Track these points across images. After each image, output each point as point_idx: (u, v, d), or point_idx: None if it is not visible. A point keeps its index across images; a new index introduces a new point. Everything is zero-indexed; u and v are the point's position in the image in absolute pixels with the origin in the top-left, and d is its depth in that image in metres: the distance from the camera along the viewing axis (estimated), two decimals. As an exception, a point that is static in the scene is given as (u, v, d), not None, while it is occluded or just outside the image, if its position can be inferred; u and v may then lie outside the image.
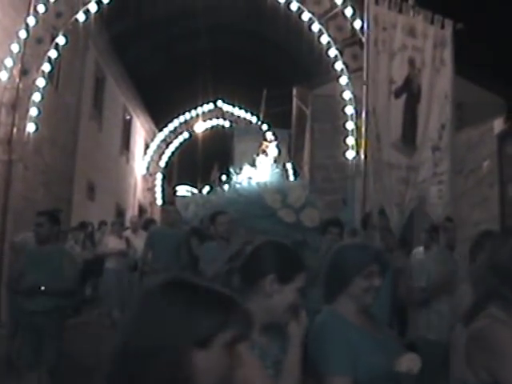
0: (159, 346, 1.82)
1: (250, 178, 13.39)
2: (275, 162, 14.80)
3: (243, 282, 3.35)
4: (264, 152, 14.36)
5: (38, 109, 15.14)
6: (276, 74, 29.94)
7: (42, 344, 7.54)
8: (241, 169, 14.12)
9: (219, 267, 7.86)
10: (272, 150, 14.55)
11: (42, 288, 7.54)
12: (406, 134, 10.63)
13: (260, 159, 14.16)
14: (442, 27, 11.27)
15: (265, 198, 11.91)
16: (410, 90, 10.78)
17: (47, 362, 7.54)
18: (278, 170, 14.07)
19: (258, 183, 12.62)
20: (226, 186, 14.81)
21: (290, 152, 24.02)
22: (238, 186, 13.26)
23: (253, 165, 14.34)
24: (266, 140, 14.88)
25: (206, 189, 21.36)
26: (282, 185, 12.99)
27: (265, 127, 27.05)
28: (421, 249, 9.51)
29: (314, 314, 7.77)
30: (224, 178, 17.46)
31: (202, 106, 31.34)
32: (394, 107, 10.55)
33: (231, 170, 14.27)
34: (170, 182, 35.92)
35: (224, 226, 8.52)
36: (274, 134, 14.84)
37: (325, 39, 15.98)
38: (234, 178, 13.75)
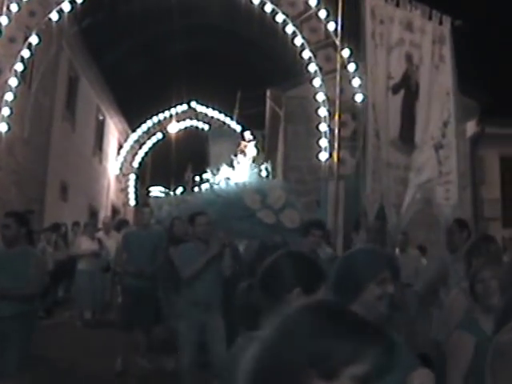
0: (285, 368, 1.67)
1: (228, 179, 13.13)
2: (254, 162, 14.22)
3: (266, 298, 3.22)
4: (242, 152, 13.71)
5: (11, 108, 15.06)
6: (250, 76, 29.95)
7: (3, 350, 7.22)
8: (218, 169, 13.79)
9: (198, 269, 7.92)
10: (250, 149, 13.70)
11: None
12: (404, 132, 10.26)
13: (238, 159, 13.61)
14: (440, 23, 11.12)
15: (244, 198, 11.65)
16: (407, 87, 10.48)
17: (9, 368, 7.23)
18: (256, 171, 13.72)
19: (236, 184, 12.37)
20: (203, 187, 14.46)
21: (264, 153, 24.05)
22: (215, 186, 12.98)
23: (230, 165, 13.93)
24: (244, 140, 14.27)
25: (180, 190, 21.27)
26: (260, 185, 12.72)
27: (239, 128, 27.08)
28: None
29: None
30: (197, 179, 17.37)
31: (175, 106, 31.31)
32: (392, 104, 10.29)
33: (208, 170, 13.98)
34: (143, 183, 35.80)
35: (202, 227, 8.25)
36: (252, 134, 14.17)
37: (299, 41, 16.04)
38: (212, 178, 13.50)
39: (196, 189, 17.79)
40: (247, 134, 13.91)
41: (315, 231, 8.36)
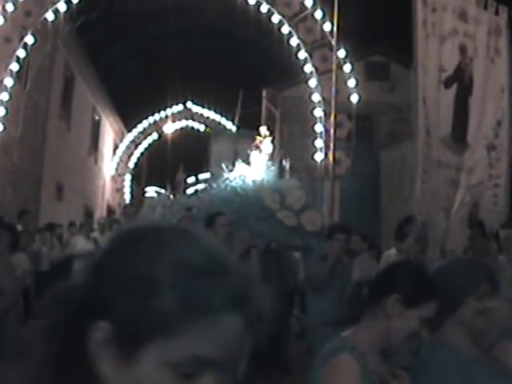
0: None
1: (244, 176, 12.01)
2: (270, 159, 13.24)
3: (369, 298, 3.16)
4: (257, 148, 12.64)
5: (6, 108, 15.05)
6: (246, 76, 29.96)
7: None
8: (233, 166, 12.61)
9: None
10: (266, 145, 12.63)
11: None
12: (456, 129, 9.48)
13: (253, 156, 12.49)
14: (497, 13, 10.31)
15: (263, 198, 10.72)
16: (460, 81, 9.58)
17: None
18: (273, 168, 12.66)
19: (254, 182, 11.39)
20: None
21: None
22: (231, 184, 11.83)
23: (247, 162, 12.81)
24: (259, 135, 13.14)
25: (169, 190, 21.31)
26: (278, 184, 11.77)
27: (234, 128, 27.06)
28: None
29: (317, 326, 7.28)
30: (193, 179, 17.22)
31: (171, 107, 31.30)
32: (444, 98, 9.53)
33: (223, 166, 12.93)
34: (138, 183, 35.78)
35: (223, 229, 7.60)
36: (268, 129, 13.14)
37: (294, 41, 16.06)
38: (226, 175, 12.29)
39: (189, 190, 17.72)
40: (263, 130, 12.89)
41: (339, 236, 7.88)
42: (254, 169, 12.19)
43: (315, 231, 10.26)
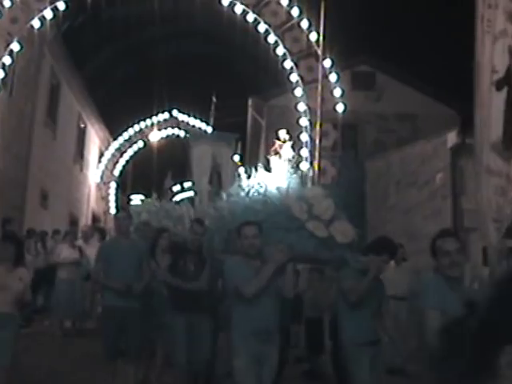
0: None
1: (263, 184, 10.83)
2: (293, 165, 12.09)
3: (475, 349, 2.52)
4: (277, 153, 11.70)
5: (-9, 115, 15.00)
6: (232, 85, 29.97)
7: None
8: (252, 171, 11.18)
9: (262, 286, 6.52)
10: (286, 150, 11.71)
11: None
12: (507, 135, 8.73)
13: (273, 161, 11.40)
14: None
15: (291, 207, 9.71)
16: (510, 85, 8.96)
17: None
18: (296, 175, 11.43)
19: (278, 189, 10.36)
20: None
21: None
22: (253, 192, 10.66)
23: (266, 168, 11.62)
24: (278, 139, 12.21)
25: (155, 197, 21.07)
26: (303, 192, 10.61)
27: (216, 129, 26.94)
28: None
29: (352, 345, 7.06)
30: (178, 187, 17.01)
31: (157, 115, 31.25)
32: (495, 101, 8.78)
33: (240, 173, 11.60)
34: (124, 191, 35.68)
35: (252, 240, 6.85)
36: (287, 133, 11.76)
37: (280, 51, 16.11)
38: (245, 182, 11.08)
39: (176, 197, 17.55)
40: (282, 133, 11.93)
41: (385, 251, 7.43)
42: (275, 175, 11.10)
43: (346, 243, 9.40)
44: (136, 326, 8.73)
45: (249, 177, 11.04)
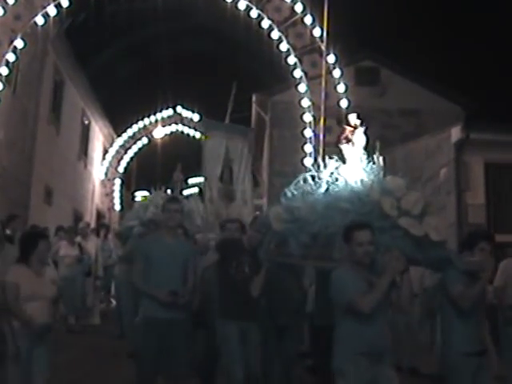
0: None
1: (342, 177, 8.89)
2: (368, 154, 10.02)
3: None
4: (348, 140, 9.91)
5: (-5, 112, 15.02)
6: (236, 81, 29.97)
7: None
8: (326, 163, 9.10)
9: (378, 299, 5.72)
10: (359, 137, 10.01)
11: None
12: None
13: (345, 150, 9.59)
14: None
15: (381, 202, 8.11)
16: None
17: None
18: (373, 165, 9.47)
19: (362, 182, 8.67)
20: (306, 185, 10.56)
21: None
22: (335, 186, 8.60)
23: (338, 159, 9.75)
24: (349, 125, 10.21)
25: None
26: (385, 184, 8.80)
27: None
28: None
29: (459, 357, 6.38)
30: (190, 180, 16.56)
31: (161, 111, 31.23)
32: None
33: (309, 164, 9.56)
34: (128, 188, 35.69)
35: (366, 248, 5.99)
36: (358, 117, 10.29)
37: (284, 46, 16.09)
38: (319, 174, 8.94)
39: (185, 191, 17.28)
40: (353, 118, 10.02)
41: (484, 245, 6.64)
42: (350, 166, 9.35)
43: (441, 241, 7.96)
44: (181, 343, 7.36)
45: (321, 169, 9.01)
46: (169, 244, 7.53)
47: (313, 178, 8.28)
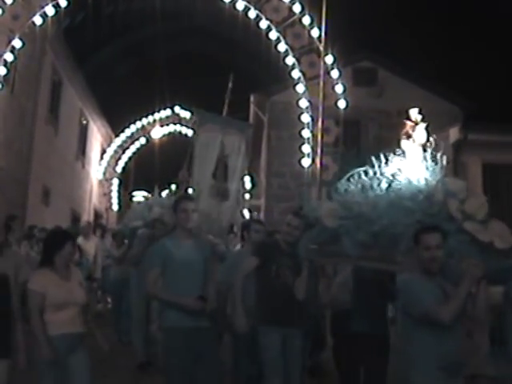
0: None
1: (405, 174, 8.05)
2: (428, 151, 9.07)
3: None
4: (409, 136, 9.11)
5: (-7, 112, 15.01)
6: (234, 81, 29.98)
7: None
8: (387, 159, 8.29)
9: (458, 308, 5.39)
10: (420, 133, 9.16)
11: None
12: None
13: (405, 146, 8.76)
14: None
15: (448, 204, 7.37)
16: None
17: None
18: (435, 164, 8.47)
19: (427, 181, 7.85)
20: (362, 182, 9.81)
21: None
22: (397, 184, 7.74)
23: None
24: (408, 119, 9.16)
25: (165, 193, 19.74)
26: (448, 186, 7.87)
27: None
28: None
29: None
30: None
31: (159, 111, 31.24)
32: None
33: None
34: (126, 188, 35.69)
35: (432, 252, 5.63)
36: (420, 113, 9.32)
37: (282, 47, 16.09)
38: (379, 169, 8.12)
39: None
40: (414, 113, 9.20)
41: None
42: (410, 163, 8.51)
43: (505, 249, 7.16)
44: (213, 351, 6.78)
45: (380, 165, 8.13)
46: (187, 246, 6.89)
47: (370, 173, 7.63)
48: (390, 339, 7.33)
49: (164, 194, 15.74)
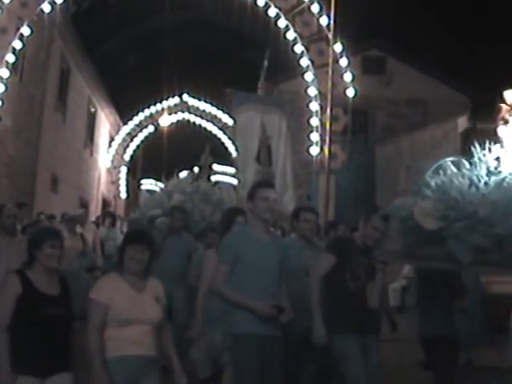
0: None
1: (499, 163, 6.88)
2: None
3: None
4: (505, 122, 7.93)
5: (2, 100, 15.02)
6: (242, 69, 29.92)
7: None
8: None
9: None
10: None
11: None
12: None
13: (502, 132, 7.65)
14: None
15: None
16: None
17: None
18: None
19: None
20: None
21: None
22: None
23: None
24: (504, 102, 8.26)
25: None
26: None
27: (230, 121, 26.99)
28: None
29: None
30: (196, 170, 15.03)
31: (167, 99, 31.23)
32: None
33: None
34: (134, 176, 35.74)
35: None
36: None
37: (291, 35, 16.04)
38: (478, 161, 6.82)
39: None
40: (509, 95, 7.95)
41: None
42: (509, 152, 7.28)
43: None
44: (282, 363, 5.86)
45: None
46: (264, 242, 5.87)
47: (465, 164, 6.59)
48: (460, 341, 7.04)
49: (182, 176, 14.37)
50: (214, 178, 17.87)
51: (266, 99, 15.84)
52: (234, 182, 17.76)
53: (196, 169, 15.21)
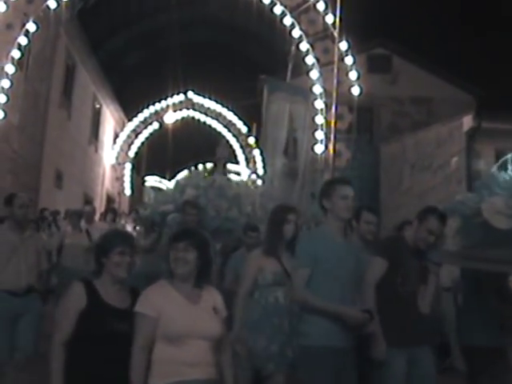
0: None
1: None
2: None
3: None
4: None
5: (7, 96, 15.01)
6: (248, 66, 29.93)
7: None
8: None
9: None
10: None
11: None
12: None
13: None
14: None
15: None
16: None
17: None
18: None
19: None
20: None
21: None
22: None
23: None
24: None
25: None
26: None
27: (235, 119, 26.92)
28: None
29: None
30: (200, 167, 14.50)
31: (172, 96, 31.22)
32: None
33: None
34: (138, 173, 35.75)
35: None
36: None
37: (296, 33, 16.02)
38: None
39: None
40: None
41: None
42: None
43: None
44: (355, 378, 5.41)
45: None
46: (341, 243, 5.53)
47: None
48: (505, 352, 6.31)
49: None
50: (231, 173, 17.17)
51: (295, 89, 14.99)
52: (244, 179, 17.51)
53: (209, 164, 14.64)
